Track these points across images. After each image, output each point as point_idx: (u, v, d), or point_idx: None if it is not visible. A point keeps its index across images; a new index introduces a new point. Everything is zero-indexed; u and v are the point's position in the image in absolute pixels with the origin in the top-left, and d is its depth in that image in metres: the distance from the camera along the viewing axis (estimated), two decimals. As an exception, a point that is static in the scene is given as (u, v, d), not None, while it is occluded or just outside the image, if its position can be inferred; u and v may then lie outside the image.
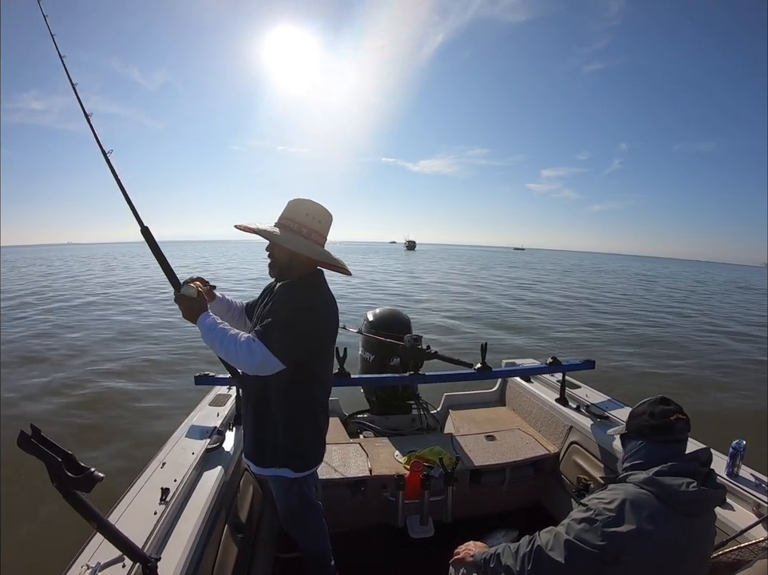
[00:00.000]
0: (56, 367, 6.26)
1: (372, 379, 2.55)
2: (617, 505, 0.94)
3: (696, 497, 0.95)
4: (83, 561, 1.03)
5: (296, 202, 1.39)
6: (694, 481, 0.97)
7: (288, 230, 1.35)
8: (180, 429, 1.84)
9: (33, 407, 4.78)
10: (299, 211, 1.37)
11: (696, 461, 1.04)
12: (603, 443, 1.98)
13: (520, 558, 1.01)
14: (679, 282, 33.09)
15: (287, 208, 1.39)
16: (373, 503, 2.03)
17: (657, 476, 0.99)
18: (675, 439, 1.06)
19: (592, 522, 0.94)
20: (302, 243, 1.34)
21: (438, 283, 20.51)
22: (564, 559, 0.94)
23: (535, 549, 0.99)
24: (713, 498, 1.01)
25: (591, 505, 0.99)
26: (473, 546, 1.25)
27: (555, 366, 2.38)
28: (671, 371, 7.10)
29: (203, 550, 1.28)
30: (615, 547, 0.91)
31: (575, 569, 0.94)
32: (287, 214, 1.38)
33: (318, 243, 1.39)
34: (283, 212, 1.40)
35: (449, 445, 2.26)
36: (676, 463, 1.00)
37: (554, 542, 0.97)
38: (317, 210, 1.39)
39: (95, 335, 8.37)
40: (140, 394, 5.30)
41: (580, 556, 0.93)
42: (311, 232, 1.36)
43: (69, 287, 16.95)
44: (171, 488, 1.34)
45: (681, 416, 1.07)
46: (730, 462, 1.56)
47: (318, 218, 1.38)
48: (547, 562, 0.96)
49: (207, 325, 1.28)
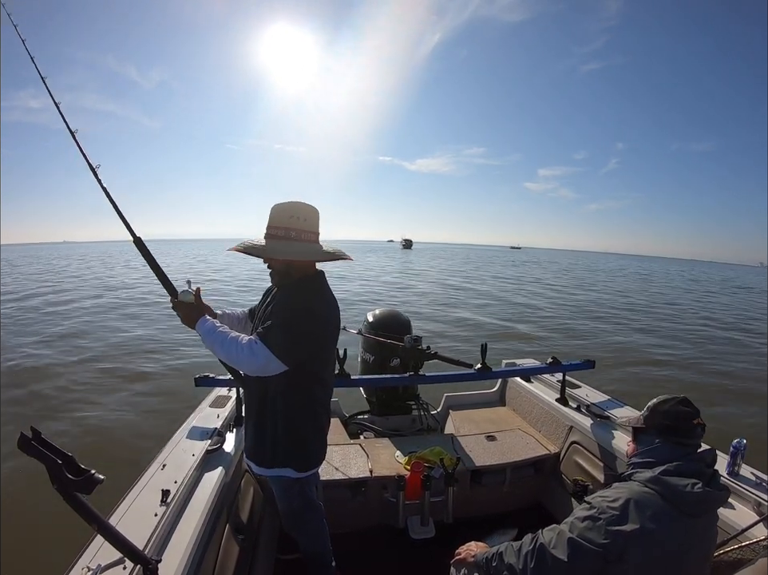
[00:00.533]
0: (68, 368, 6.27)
1: (372, 380, 2.55)
2: (621, 504, 0.94)
3: (701, 498, 0.95)
4: (84, 563, 1.03)
5: (278, 207, 1.37)
6: (699, 482, 0.97)
7: (276, 239, 1.34)
8: (181, 430, 1.84)
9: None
10: (283, 215, 1.35)
11: (702, 462, 1.04)
12: (603, 443, 1.98)
13: (523, 556, 1.00)
14: (675, 280, 33.64)
15: (271, 215, 1.37)
16: (373, 504, 2.03)
17: (663, 475, 0.98)
18: (692, 443, 1.06)
19: (596, 520, 0.94)
20: (293, 248, 1.34)
21: (436, 282, 20.56)
22: (567, 557, 0.93)
23: (538, 547, 0.99)
24: (717, 500, 1.00)
25: (594, 503, 0.98)
26: (474, 546, 1.25)
27: (555, 366, 2.39)
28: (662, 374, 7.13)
29: (203, 552, 1.28)
30: (619, 546, 0.91)
31: (578, 567, 0.93)
32: (272, 222, 1.36)
33: (310, 241, 1.38)
34: (268, 220, 1.38)
35: (449, 445, 2.25)
36: (682, 463, 1.00)
37: (557, 540, 0.97)
38: (300, 209, 1.36)
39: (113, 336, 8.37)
40: (139, 394, 5.30)
41: (583, 554, 0.92)
42: (300, 233, 1.35)
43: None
44: (171, 489, 1.34)
45: (701, 421, 1.07)
46: (731, 461, 1.56)
47: (303, 217, 1.36)
48: (550, 560, 0.95)
49: (207, 329, 1.29)
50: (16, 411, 4.68)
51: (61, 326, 9.32)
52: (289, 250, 1.34)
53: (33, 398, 5.12)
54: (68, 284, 17.89)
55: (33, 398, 5.12)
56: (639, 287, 24.10)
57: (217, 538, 1.42)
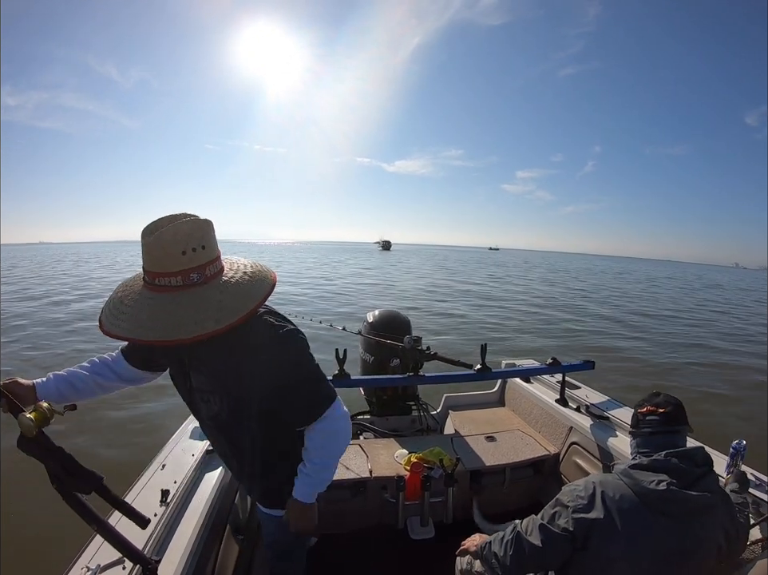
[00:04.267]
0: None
1: (372, 380, 2.55)
2: (589, 494, 1.00)
3: (666, 496, 0.94)
4: (83, 563, 1.03)
5: (157, 242, 0.83)
6: (666, 480, 0.95)
7: (186, 288, 0.86)
8: (180, 430, 1.83)
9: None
10: (172, 252, 0.83)
11: (689, 460, 1.01)
12: (603, 444, 1.98)
13: (505, 544, 1.08)
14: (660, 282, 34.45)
15: (155, 261, 0.85)
16: (373, 504, 2.03)
17: (632, 468, 1.02)
18: (650, 431, 1.08)
19: (565, 508, 1.01)
20: (228, 295, 0.88)
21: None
22: (541, 542, 1.01)
23: (515, 535, 1.07)
24: (697, 502, 0.95)
25: (565, 491, 1.06)
26: (477, 538, 1.31)
27: (555, 366, 2.38)
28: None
29: (203, 552, 1.28)
30: (583, 533, 0.97)
31: (549, 551, 1.01)
32: (165, 269, 0.84)
33: (233, 270, 0.94)
34: (154, 268, 0.85)
35: (449, 446, 2.25)
36: (660, 458, 1.00)
37: (531, 527, 1.05)
38: (184, 232, 0.84)
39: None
40: (139, 394, 5.29)
41: (554, 539, 1.00)
42: (214, 267, 0.90)
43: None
44: (171, 489, 1.34)
45: (651, 408, 1.10)
46: (731, 462, 1.56)
47: (201, 242, 0.87)
48: (526, 546, 1.03)
49: (314, 489, 1.13)
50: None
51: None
52: (235, 302, 0.87)
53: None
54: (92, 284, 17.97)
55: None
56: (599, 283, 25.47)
57: (217, 538, 1.41)
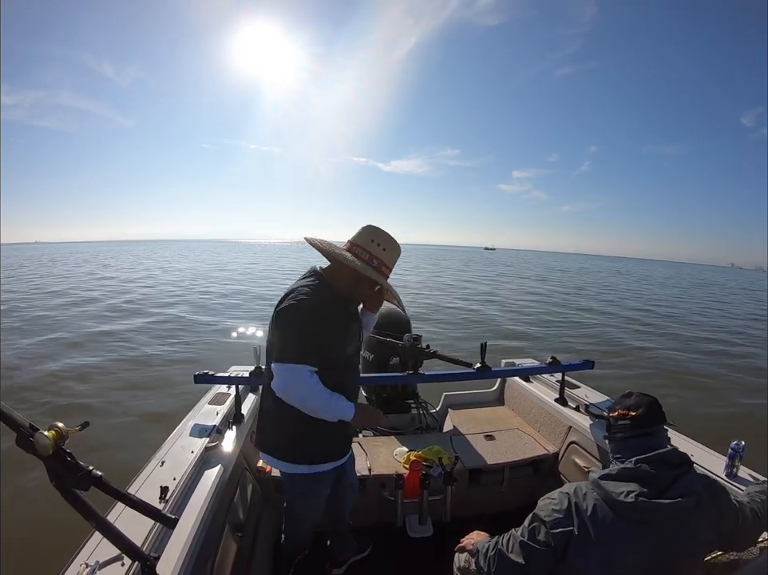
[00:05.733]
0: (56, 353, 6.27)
1: (371, 378, 2.55)
2: (564, 507, 1.00)
3: (639, 506, 0.92)
4: (82, 560, 1.03)
5: (372, 232, 1.34)
6: (634, 491, 0.94)
7: (361, 260, 1.32)
8: (180, 427, 1.83)
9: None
10: (366, 238, 1.32)
11: (662, 464, 0.98)
12: (602, 443, 1.97)
13: (488, 560, 1.09)
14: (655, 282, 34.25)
15: (362, 234, 1.34)
16: (372, 502, 2.03)
17: (602, 479, 1.01)
18: (622, 437, 1.07)
19: (543, 523, 1.01)
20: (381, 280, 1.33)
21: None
22: (524, 559, 1.01)
23: (497, 553, 1.07)
24: (670, 509, 0.92)
25: (541, 506, 1.05)
26: (475, 536, 1.32)
27: (554, 366, 2.38)
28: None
29: (202, 549, 1.28)
30: (562, 545, 0.97)
31: (535, 567, 1.01)
32: (361, 242, 1.33)
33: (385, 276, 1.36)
34: (358, 237, 1.34)
35: (448, 444, 2.26)
36: (629, 466, 0.99)
37: (512, 544, 1.05)
38: (392, 244, 1.35)
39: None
40: (139, 392, 5.30)
41: (536, 555, 1.00)
42: (381, 266, 1.33)
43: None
44: (170, 486, 1.34)
45: (623, 412, 1.08)
46: (729, 463, 1.56)
47: (389, 253, 1.35)
48: (509, 564, 1.04)
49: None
50: (14, 407, 4.68)
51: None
52: (383, 282, 1.31)
53: (33, 396, 5.12)
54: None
55: (33, 396, 5.12)
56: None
57: (216, 535, 1.42)
